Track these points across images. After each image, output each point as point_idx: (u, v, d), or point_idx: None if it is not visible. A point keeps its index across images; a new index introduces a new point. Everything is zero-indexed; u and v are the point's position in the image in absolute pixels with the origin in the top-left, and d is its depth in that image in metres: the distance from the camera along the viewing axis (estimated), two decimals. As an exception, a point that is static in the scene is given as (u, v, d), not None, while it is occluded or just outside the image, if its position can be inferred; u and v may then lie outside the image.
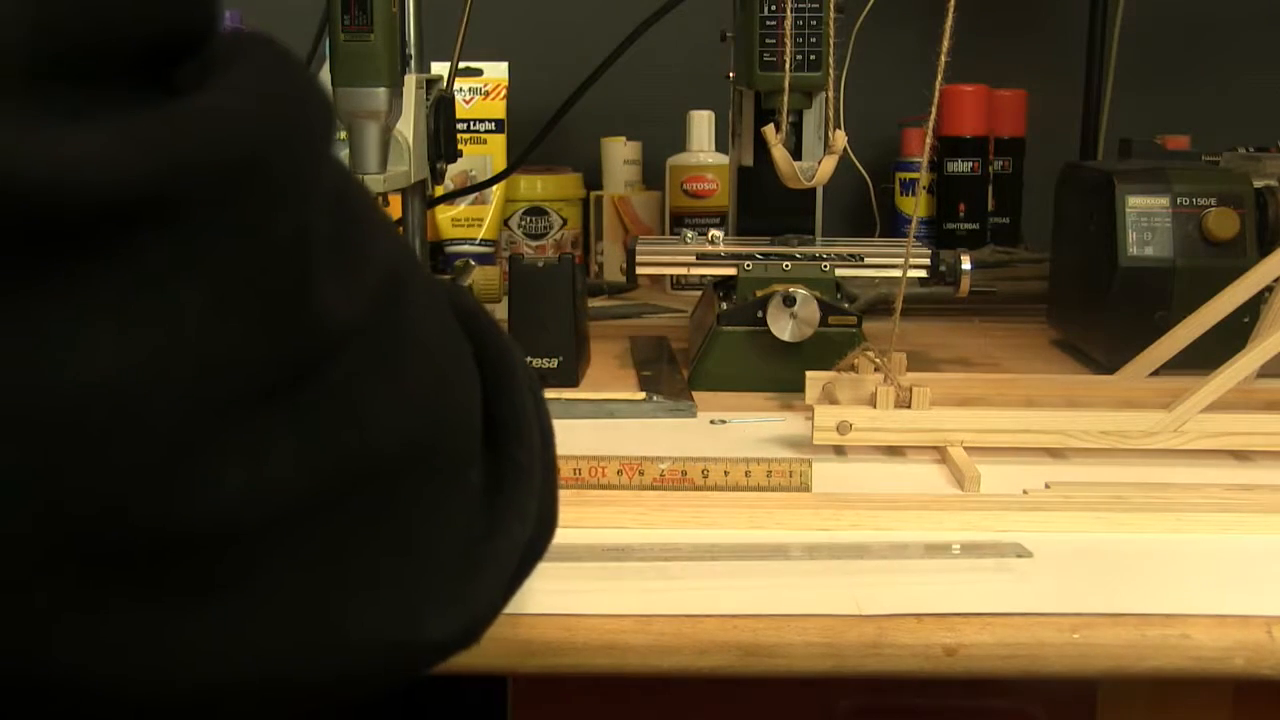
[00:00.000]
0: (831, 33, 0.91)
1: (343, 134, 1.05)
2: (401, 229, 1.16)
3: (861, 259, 0.98)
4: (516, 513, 0.41)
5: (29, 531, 0.28)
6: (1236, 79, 1.57)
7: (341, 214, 0.34)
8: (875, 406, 0.77)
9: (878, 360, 0.82)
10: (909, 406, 0.78)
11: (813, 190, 1.04)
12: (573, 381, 0.96)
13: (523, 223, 1.43)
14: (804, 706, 0.69)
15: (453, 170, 1.21)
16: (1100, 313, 0.98)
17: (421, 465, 0.36)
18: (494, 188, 1.35)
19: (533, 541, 0.43)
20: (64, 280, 0.27)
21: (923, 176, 1.45)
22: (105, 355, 0.28)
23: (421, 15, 1.09)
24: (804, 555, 0.63)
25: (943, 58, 0.74)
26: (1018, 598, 0.59)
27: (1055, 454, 0.79)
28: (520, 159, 1.30)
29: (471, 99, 1.36)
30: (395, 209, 1.21)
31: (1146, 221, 0.94)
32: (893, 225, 1.49)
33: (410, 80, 1.03)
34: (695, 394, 0.92)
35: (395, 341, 0.35)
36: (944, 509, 0.69)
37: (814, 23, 0.93)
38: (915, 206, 1.46)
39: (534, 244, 1.43)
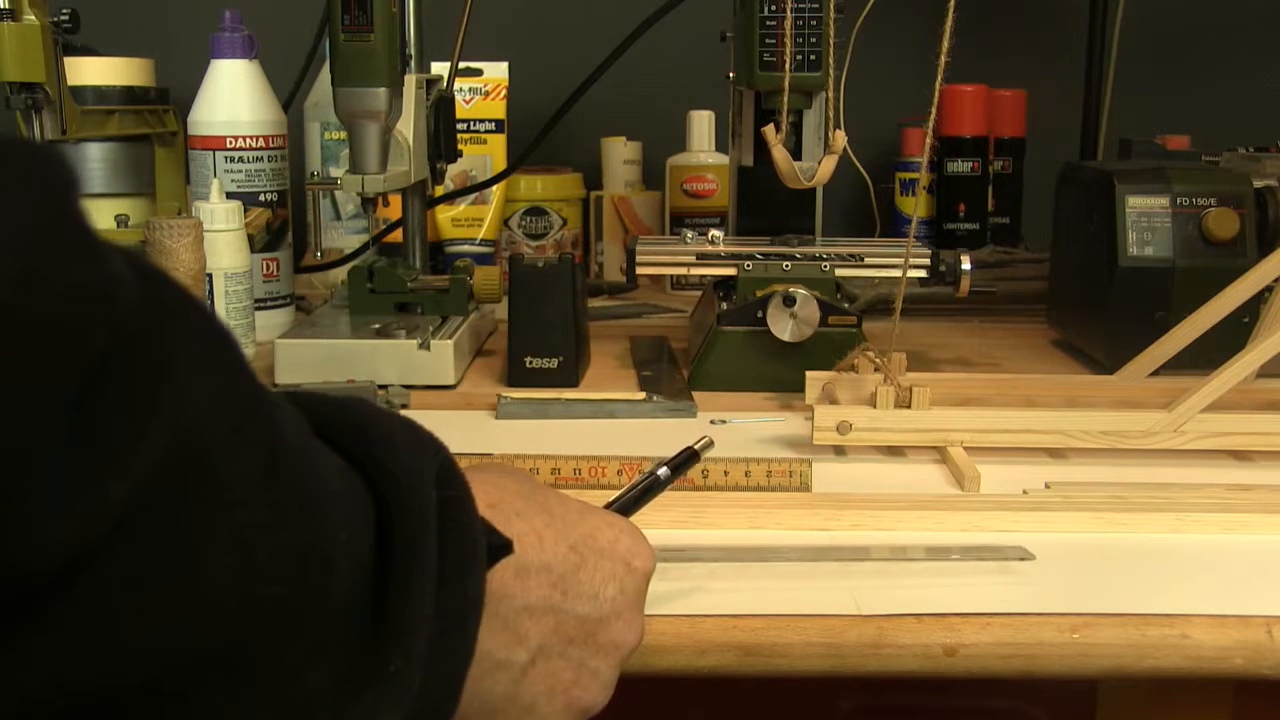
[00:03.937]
0: (831, 33, 0.91)
1: (343, 134, 1.04)
2: (401, 229, 1.16)
3: (861, 259, 0.98)
4: None
5: None
6: (1236, 79, 1.57)
7: (104, 391, 0.29)
8: (875, 406, 0.77)
9: (878, 360, 0.82)
10: (909, 406, 0.78)
11: (813, 190, 1.04)
12: (573, 381, 0.96)
13: (523, 223, 1.43)
14: (804, 706, 0.69)
15: (453, 170, 1.21)
16: (1100, 313, 0.98)
17: (216, 674, 0.32)
18: (494, 188, 1.35)
19: None
20: None
21: (923, 176, 1.45)
22: None
23: (421, 15, 1.09)
24: (804, 557, 0.63)
25: (943, 58, 0.74)
26: (1017, 598, 0.59)
27: (1055, 454, 0.79)
28: (520, 159, 1.30)
29: (471, 99, 1.36)
30: (395, 209, 1.21)
31: (1146, 221, 0.94)
32: (893, 225, 1.49)
33: (410, 80, 1.03)
34: (695, 394, 0.92)
35: (174, 537, 0.31)
36: (944, 509, 0.69)
37: (814, 23, 0.93)
38: (915, 206, 1.46)
39: (534, 244, 1.43)
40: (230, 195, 1.09)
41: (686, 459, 0.59)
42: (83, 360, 0.29)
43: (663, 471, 0.57)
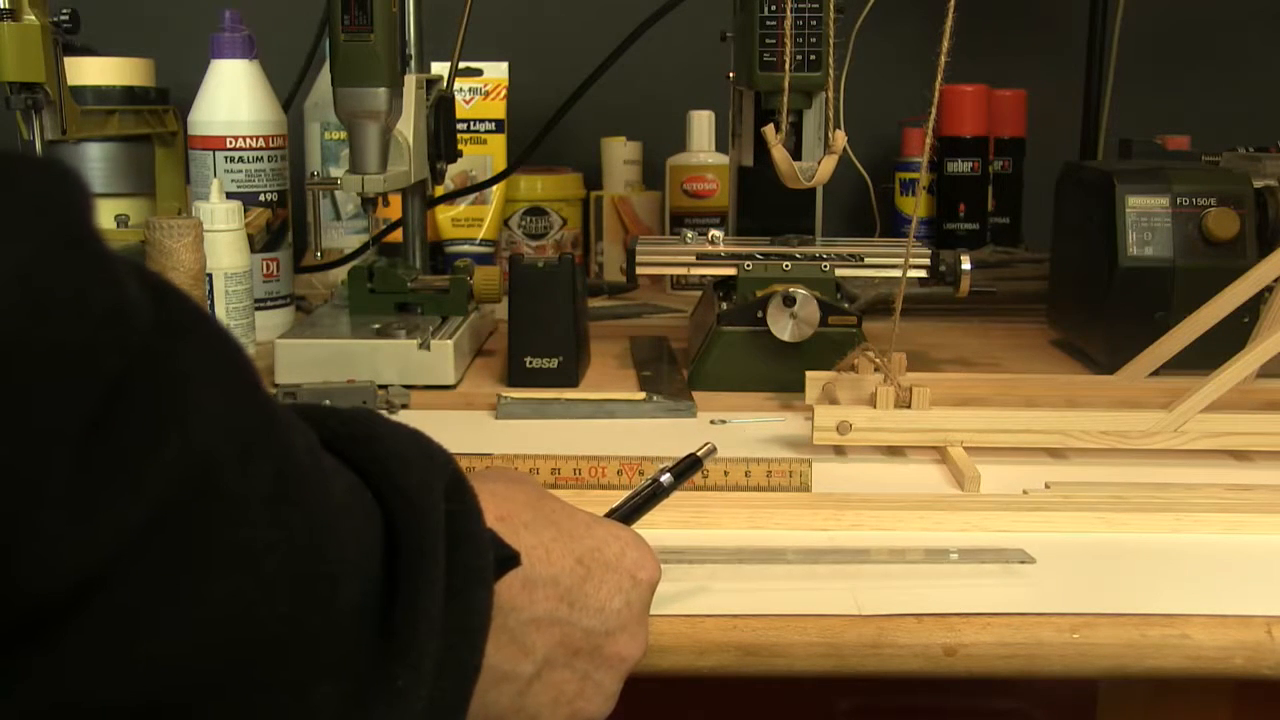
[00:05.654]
0: (831, 33, 0.91)
1: (343, 134, 1.04)
2: (401, 229, 1.16)
3: (861, 259, 0.98)
4: None
5: None
6: (1236, 79, 1.57)
7: (117, 414, 0.29)
8: (875, 406, 0.77)
9: (878, 360, 0.82)
10: (909, 406, 0.78)
11: (813, 190, 1.04)
12: (573, 381, 0.96)
13: (523, 223, 1.43)
14: (804, 706, 0.69)
15: (453, 170, 1.21)
16: (1100, 313, 0.98)
17: (220, 691, 0.32)
18: (494, 188, 1.35)
19: None
20: None
21: (923, 176, 1.45)
22: None
23: (421, 15, 1.09)
24: (804, 559, 0.63)
25: (943, 58, 0.74)
26: (1017, 598, 0.59)
27: (1055, 454, 0.79)
28: (520, 159, 1.30)
29: (471, 99, 1.36)
30: (395, 209, 1.21)
31: (1146, 221, 0.94)
32: (893, 225, 1.49)
33: (410, 80, 1.03)
34: (695, 394, 0.92)
35: (182, 558, 0.31)
36: (944, 509, 0.69)
37: (814, 23, 0.93)
38: (915, 206, 1.46)
39: (534, 244, 1.43)
40: (230, 195, 1.09)
41: (690, 465, 0.58)
42: (97, 385, 0.29)
43: (665, 478, 0.57)
